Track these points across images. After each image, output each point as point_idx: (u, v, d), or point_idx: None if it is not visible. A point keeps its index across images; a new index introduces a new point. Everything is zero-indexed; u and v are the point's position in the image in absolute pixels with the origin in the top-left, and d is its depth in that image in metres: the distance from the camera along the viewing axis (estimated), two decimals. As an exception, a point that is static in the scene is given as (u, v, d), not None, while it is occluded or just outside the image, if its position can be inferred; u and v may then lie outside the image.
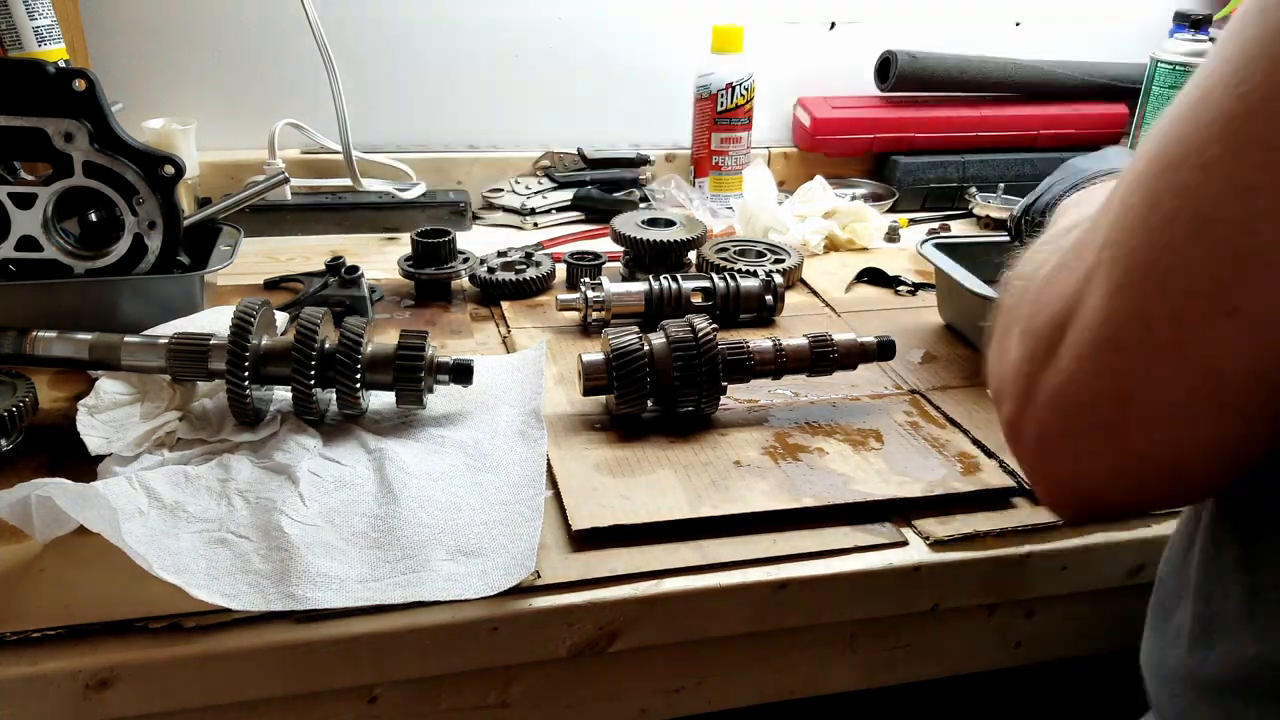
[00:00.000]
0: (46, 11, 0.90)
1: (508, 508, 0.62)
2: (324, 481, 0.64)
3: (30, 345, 0.71)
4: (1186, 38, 1.13)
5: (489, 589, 0.56)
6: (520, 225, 1.19)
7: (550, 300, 0.95)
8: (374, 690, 0.57)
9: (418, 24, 1.21)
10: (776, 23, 1.32)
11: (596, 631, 0.57)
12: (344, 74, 1.06)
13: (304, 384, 0.68)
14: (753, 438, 0.72)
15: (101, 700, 0.51)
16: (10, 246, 0.79)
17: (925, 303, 0.98)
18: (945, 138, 1.32)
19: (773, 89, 1.30)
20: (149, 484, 0.62)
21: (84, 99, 0.76)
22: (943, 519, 0.65)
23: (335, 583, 0.55)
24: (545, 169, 1.26)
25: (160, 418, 0.68)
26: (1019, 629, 0.68)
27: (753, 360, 0.74)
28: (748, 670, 0.64)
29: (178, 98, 1.18)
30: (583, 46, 1.27)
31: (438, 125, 1.27)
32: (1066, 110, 1.34)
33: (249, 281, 0.98)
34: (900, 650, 0.66)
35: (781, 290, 0.92)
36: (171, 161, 0.79)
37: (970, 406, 0.78)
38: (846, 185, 1.28)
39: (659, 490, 0.65)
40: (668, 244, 0.98)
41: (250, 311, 0.69)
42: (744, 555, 0.60)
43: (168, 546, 0.57)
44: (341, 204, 1.14)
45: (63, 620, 0.52)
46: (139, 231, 0.80)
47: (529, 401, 0.74)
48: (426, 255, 0.96)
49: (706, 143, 1.23)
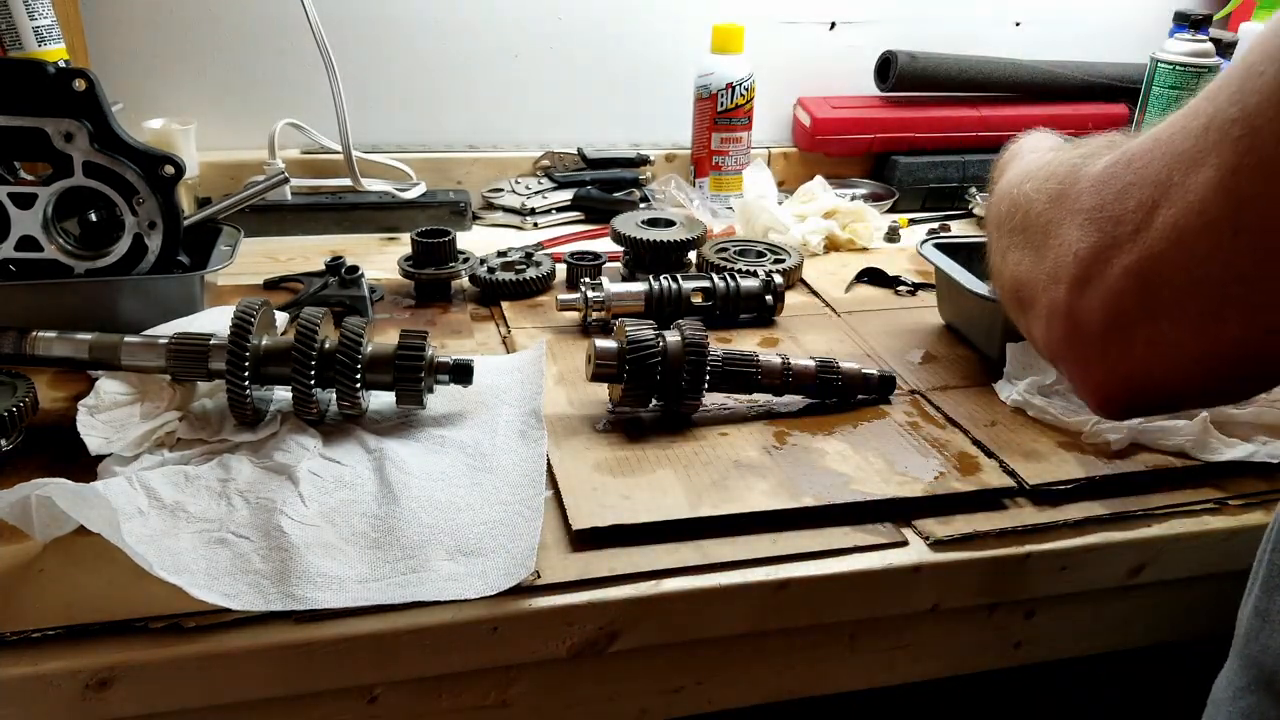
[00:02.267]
0: (46, 11, 0.90)
1: (508, 508, 0.62)
2: (324, 481, 0.64)
3: (30, 345, 0.71)
4: (1186, 38, 1.13)
5: (489, 589, 0.56)
6: (520, 225, 1.19)
7: (550, 300, 0.95)
8: (374, 690, 0.57)
9: (417, 24, 1.21)
10: (776, 23, 1.32)
11: (596, 631, 0.57)
12: (344, 74, 1.06)
13: (304, 384, 0.68)
14: (753, 438, 0.72)
15: (101, 700, 0.51)
16: (10, 246, 0.79)
17: (925, 303, 0.98)
18: (945, 138, 1.32)
19: (773, 89, 1.30)
20: (149, 484, 0.62)
21: (84, 99, 0.76)
22: (943, 519, 0.65)
23: (335, 583, 0.55)
24: (545, 169, 1.26)
25: (160, 418, 0.68)
26: (1019, 629, 0.68)
27: (760, 374, 0.75)
28: (748, 670, 0.64)
29: (178, 98, 1.18)
30: (583, 46, 1.27)
31: (438, 125, 1.27)
32: (1066, 110, 1.34)
33: (249, 281, 0.98)
34: (900, 650, 0.66)
35: (781, 290, 0.92)
36: (171, 161, 0.79)
37: (970, 406, 0.77)
38: (846, 185, 1.29)
39: (659, 490, 0.65)
40: (668, 244, 0.98)
41: (250, 311, 0.69)
42: (744, 555, 0.60)
43: (168, 546, 0.57)
44: (341, 204, 1.14)
45: (63, 620, 0.52)
46: (139, 231, 0.80)
47: (529, 401, 0.74)
48: (426, 255, 0.96)
49: (706, 143, 1.23)
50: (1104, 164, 0.45)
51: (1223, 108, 0.39)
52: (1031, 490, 0.67)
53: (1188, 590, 0.70)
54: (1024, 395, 0.76)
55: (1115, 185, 0.43)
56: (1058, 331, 0.45)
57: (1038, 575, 0.64)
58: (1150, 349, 0.41)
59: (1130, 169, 0.43)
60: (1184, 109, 0.42)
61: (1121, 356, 0.42)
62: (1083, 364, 0.44)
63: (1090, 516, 0.66)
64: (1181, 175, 0.39)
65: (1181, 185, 0.39)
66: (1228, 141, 0.38)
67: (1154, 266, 0.40)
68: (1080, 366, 0.44)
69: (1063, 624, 0.69)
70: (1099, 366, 0.43)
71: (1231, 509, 0.68)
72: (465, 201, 1.17)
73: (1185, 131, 0.40)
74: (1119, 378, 0.43)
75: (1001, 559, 0.63)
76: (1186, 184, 0.39)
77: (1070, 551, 0.64)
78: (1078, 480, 0.68)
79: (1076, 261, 0.44)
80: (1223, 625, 0.58)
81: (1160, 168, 0.41)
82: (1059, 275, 0.45)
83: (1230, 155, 0.38)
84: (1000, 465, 0.69)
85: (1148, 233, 0.40)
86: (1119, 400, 0.45)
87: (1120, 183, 0.43)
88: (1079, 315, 0.43)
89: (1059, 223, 0.46)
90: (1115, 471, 0.69)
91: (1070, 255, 0.44)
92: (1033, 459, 0.70)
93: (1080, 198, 0.45)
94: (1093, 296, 0.42)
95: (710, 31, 1.19)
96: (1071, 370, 0.46)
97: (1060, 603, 0.67)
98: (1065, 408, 0.74)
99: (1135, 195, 0.41)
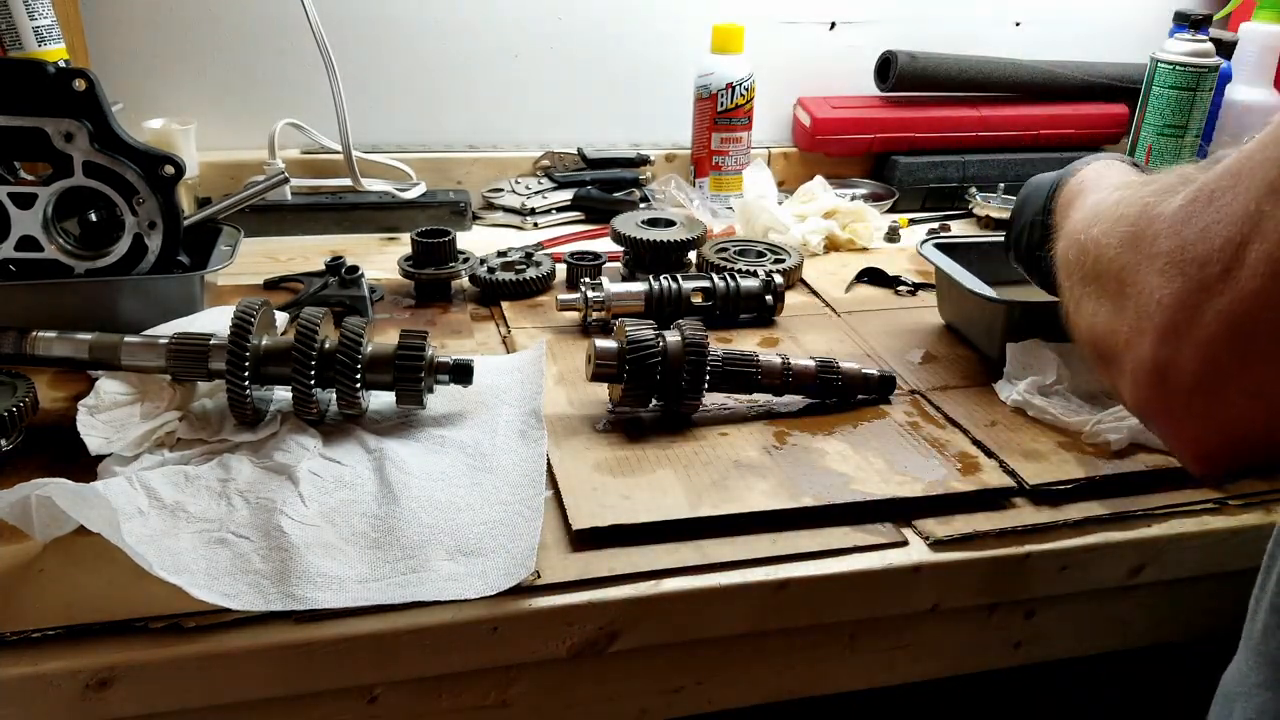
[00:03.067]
0: (46, 11, 0.90)
1: (508, 508, 0.62)
2: (324, 481, 0.64)
3: (30, 345, 0.71)
4: (1186, 38, 1.13)
5: (489, 589, 0.56)
6: (520, 225, 1.19)
7: (550, 300, 0.95)
8: (374, 690, 0.57)
9: (418, 24, 1.21)
10: (776, 23, 1.32)
11: (596, 631, 0.57)
12: (344, 74, 1.06)
13: (304, 384, 0.68)
14: (753, 438, 0.72)
15: (102, 700, 0.51)
16: (10, 246, 0.79)
17: (925, 303, 0.98)
18: (945, 138, 1.32)
19: (773, 89, 1.30)
20: (149, 484, 0.62)
21: (84, 99, 0.76)
22: (943, 519, 0.65)
23: (335, 583, 0.55)
24: (545, 169, 1.26)
25: (160, 418, 0.68)
26: (1019, 629, 0.68)
27: (760, 374, 0.75)
28: (748, 670, 0.64)
29: (178, 98, 1.18)
30: (583, 46, 1.27)
31: (438, 125, 1.27)
32: (1066, 110, 1.34)
33: (249, 281, 0.98)
34: (900, 650, 0.66)
35: (781, 290, 0.92)
36: (171, 161, 0.79)
37: (970, 406, 0.77)
38: (846, 185, 1.28)
39: (659, 490, 0.65)
40: (668, 244, 0.98)
41: (250, 311, 0.69)
42: (744, 555, 0.60)
43: (168, 546, 0.57)
44: (341, 204, 1.14)
45: (63, 620, 0.52)
46: (139, 231, 0.80)
47: (529, 401, 0.74)
48: (426, 255, 0.96)
49: (706, 143, 1.23)
50: (1180, 201, 0.42)
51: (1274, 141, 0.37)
52: (1031, 490, 0.67)
53: (1188, 590, 0.69)
54: (1024, 395, 0.76)
55: (1197, 224, 0.40)
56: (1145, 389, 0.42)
57: (1038, 575, 0.64)
58: (1250, 400, 0.38)
59: (1212, 206, 0.40)
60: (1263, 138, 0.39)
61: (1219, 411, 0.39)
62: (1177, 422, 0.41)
63: (1090, 516, 0.66)
64: (1272, 206, 0.37)
65: (1274, 217, 0.37)
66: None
67: (1248, 308, 0.37)
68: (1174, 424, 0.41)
69: (1063, 624, 0.69)
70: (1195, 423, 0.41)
71: (1231, 509, 0.68)
72: (465, 201, 1.17)
73: (1271, 161, 0.38)
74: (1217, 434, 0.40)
75: (1001, 559, 0.63)
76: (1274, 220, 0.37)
77: (1070, 551, 0.64)
78: (1078, 480, 0.68)
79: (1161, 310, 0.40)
80: (1223, 625, 0.58)
81: (1247, 201, 0.38)
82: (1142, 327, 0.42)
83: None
84: (1000, 465, 0.69)
85: (1239, 272, 0.37)
86: (1220, 459, 0.42)
87: (1202, 221, 0.40)
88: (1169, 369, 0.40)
89: (1135, 268, 0.43)
90: (1115, 471, 0.69)
91: (1153, 304, 0.41)
92: (1033, 459, 0.70)
93: (1158, 240, 0.42)
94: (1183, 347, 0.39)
95: (710, 31, 1.19)
96: (1165, 429, 0.43)
97: (1060, 603, 0.67)
98: (1065, 408, 0.75)
99: (1221, 233, 0.39)
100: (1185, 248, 0.40)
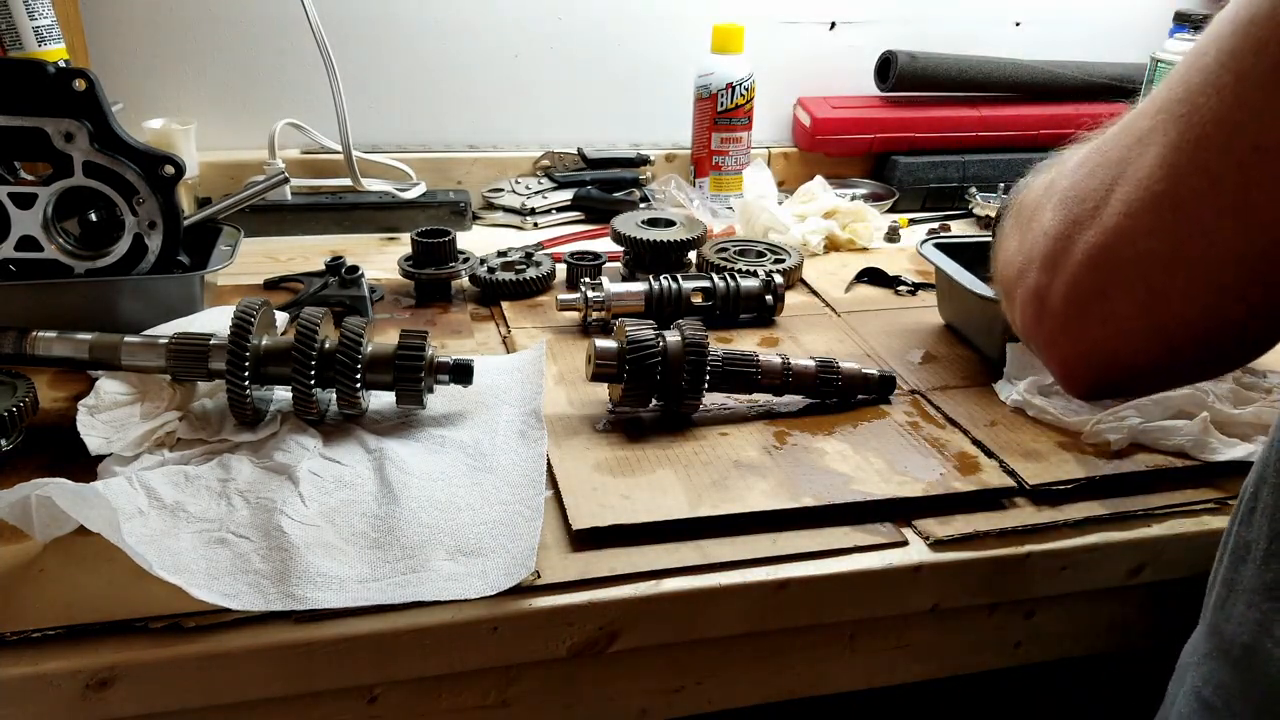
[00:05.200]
0: (46, 11, 0.90)
1: (508, 508, 0.62)
2: (324, 481, 0.64)
3: (30, 345, 0.71)
4: (1186, 38, 1.13)
5: (489, 589, 0.56)
6: (520, 225, 1.19)
7: (550, 300, 0.95)
8: (374, 690, 0.57)
9: (418, 24, 1.21)
10: (776, 23, 1.32)
11: (596, 631, 0.57)
12: (344, 74, 1.06)
13: (304, 384, 0.68)
14: (753, 437, 0.72)
15: (102, 700, 0.51)
16: (10, 246, 0.79)
17: (925, 303, 0.98)
18: (945, 138, 1.32)
19: (773, 89, 1.30)
20: (149, 484, 0.62)
21: (84, 99, 0.76)
22: (943, 519, 0.65)
23: (335, 583, 0.55)
24: (545, 169, 1.26)
25: (160, 418, 0.68)
26: (1019, 629, 0.68)
27: (760, 374, 0.75)
28: (748, 670, 0.64)
29: (178, 98, 1.18)
30: (583, 46, 1.27)
31: (438, 125, 1.27)
32: (1066, 110, 1.34)
33: (249, 281, 0.98)
34: (900, 650, 0.66)
35: (781, 290, 0.92)
36: (171, 161, 0.79)
37: (970, 406, 0.77)
38: (846, 185, 1.29)
39: (659, 490, 0.65)
40: (668, 244, 0.98)
41: (250, 311, 0.69)
42: (744, 555, 0.60)
43: (168, 546, 0.57)
44: (341, 204, 1.14)
45: (63, 620, 0.52)
46: (139, 231, 0.80)
47: (529, 401, 0.74)
48: (426, 255, 0.96)
49: (706, 143, 1.23)
50: (1085, 149, 0.46)
51: (1173, 87, 0.40)
52: (1031, 490, 0.67)
53: (1188, 590, 0.69)
54: (1024, 395, 0.76)
55: (1087, 167, 0.44)
56: (1028, 313, 0.45)
57: (1038, 575, 0.64)
58: (1105, 327, 0.42)
59: (1099, 151, 0.44)
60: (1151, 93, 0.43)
61: (1081, 335, 0.43)
62: (1050, 345, 0.45)
63: (1090, 516, 0.66)
64: (1136, 154, 0.40)
65: (1135, 163, 0.40)
66: (1172, 119, 0.39)
67: (1107, 242, 0.41)
68: (1047, 347, 0.45)
69: (1063, 624, 0.69)
70: (1063, 347, 0.44)
71: (1231, 509, 0.68)
72: (465, 201, 1.17)
73: (1142, 113, 0.42)
74: (1080, 356, 0.44)
75: (1001, 559, 0.63)
76: (1138, 162, 0.40)
77: (1070, 551, 0.64)
78: (1078, 480, 0.68)
79: (1046, 240, 0.44)
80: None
81: (1122, 148, 0.41)
82: (1032, 256, 0.45)
83: (1174, 132, 0.39)
84: (1000, 465, 0.69)
85: (1105, 210, 0.41)
86: (1083, 379, 0.46)
87: (1090, 164, 0.44)
88: (1046, 295, 0.43)
89: (1041, 206, 0.47)
90: (1115, 471, 0.69)
91: (1042, 235, 0.45)
92: (1033, 459, 0.70)
93: (1059, 181, 0.46)
94: (1057, 276, 0.43)
95: (710, 31, 1.19)
96: (1040, 350, 0.46)
97: (1060, 603, 0.67)
98: (1065, 408, 0.74)
99: (1100, 175, 0.42)
100: (1074, 186, 0.44)
